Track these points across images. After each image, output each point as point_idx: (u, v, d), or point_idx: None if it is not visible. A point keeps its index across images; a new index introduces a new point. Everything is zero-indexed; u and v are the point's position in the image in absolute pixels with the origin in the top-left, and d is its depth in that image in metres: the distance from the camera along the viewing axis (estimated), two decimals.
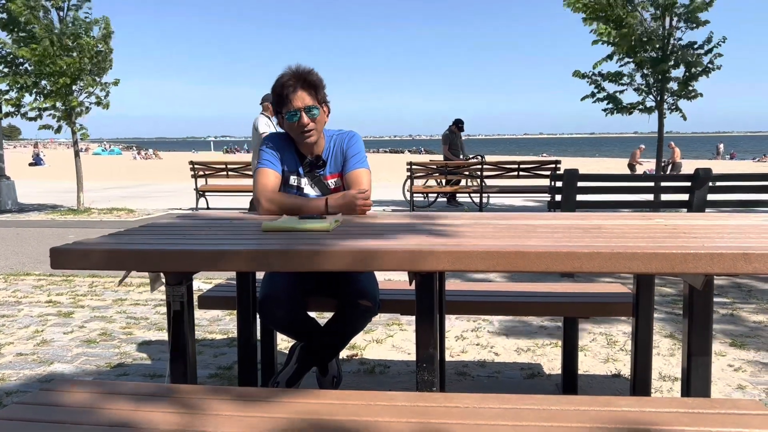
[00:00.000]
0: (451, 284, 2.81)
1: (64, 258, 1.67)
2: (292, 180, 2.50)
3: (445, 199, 11.58)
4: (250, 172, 10.59)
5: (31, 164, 32.31)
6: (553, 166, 10.05)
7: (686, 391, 1.79)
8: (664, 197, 5.77)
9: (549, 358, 3.20)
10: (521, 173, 10.23)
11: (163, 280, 1.81)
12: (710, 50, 8.79)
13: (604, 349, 3.32)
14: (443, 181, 11.13)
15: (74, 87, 10.21)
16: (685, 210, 5.44)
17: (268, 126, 7.14)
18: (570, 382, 2.70)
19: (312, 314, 2.46)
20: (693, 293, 1.74)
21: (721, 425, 1.38)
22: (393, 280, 3.59)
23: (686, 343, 1.78)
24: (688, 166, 16.74)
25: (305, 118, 2.39)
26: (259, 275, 2.47)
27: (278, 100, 2.44)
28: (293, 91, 2.39)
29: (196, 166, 10.69)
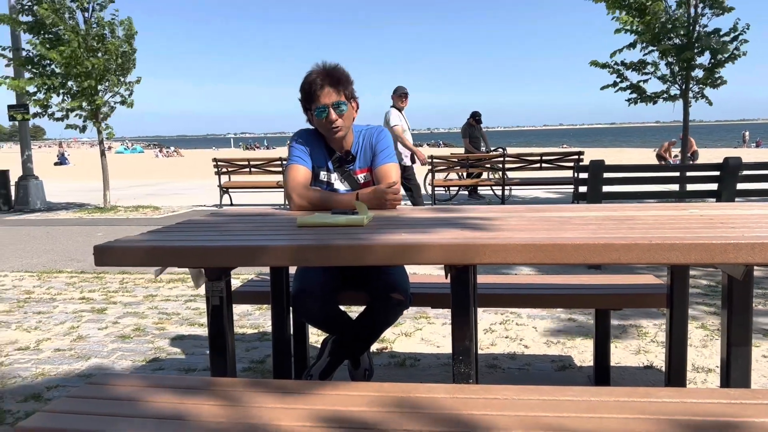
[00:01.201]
0: (480, 277, 2.82)
1: (107, 255, 1.71)
2: (322, 175, 2.52)
3: (466, 192, 11.56)
4: (273, 168, 10.67)
5: (56, 164, 32.84)
6: (576, 157, 9.97)
7: (726, 382, 1.78)
8: (691, 187, 5.70)
9: (579, 350, 3.19)
10: (543, 165, 10.17)
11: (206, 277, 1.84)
12: (736, 37, 8.64)
13: (634, 340, 3.30)
14: (464, 174, 11.11)
15: (99, 87, 10.38)
16: (714, 200, 5.37)
17: (400, 119, 7.34)
18: (602, 373, 2.69)
19: (342, 308, 2.49)
20: (732, 283, 1.73)
21: (765, 416, 1.37)
22: (419, 273, 3.60)
23: (725, 334, 1.77)
24: (714, 155, 16.49)
25: (333, 114, 2.41)
26: (291, 270, 2.50)
27: (306, 97, 2.46)
28: (320, 88, 2.40)
29: (219, 163, 10.80)
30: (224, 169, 10.87)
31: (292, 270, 2.46)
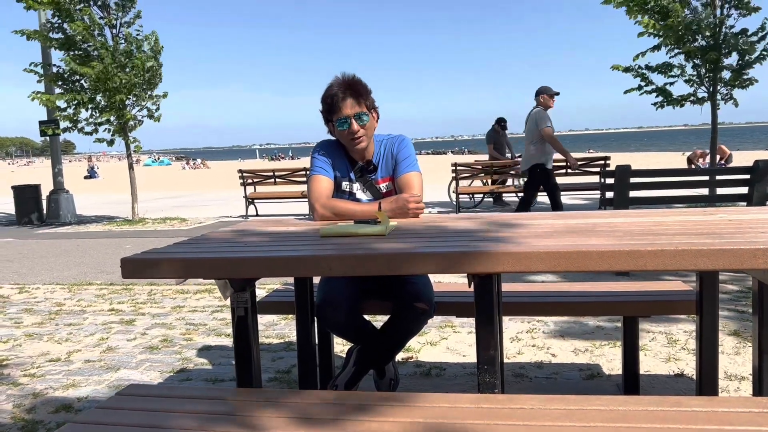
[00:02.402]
0: (505, 285, 2.79)
1: (134, 268, 1.74)
2: (345, 185, 2.53)
3: (491, 200, 11.50)
4: (297, 179, 10.75)
5: (86, 177, 33.50)
6: (602, 162, 9.86)
7: (758, 391, 1.74)
8: (720, 191, 5.60)
9: (608, 358, 3.14)
10: (569, 170, 10.06)
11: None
12: (764, 37, 8.49)
13: (664, 348, 3.24)
14: (489, 181, 11.05)
15: (127, 101, 10.58)
16: (744, 204, 5.26)
17: (551, 120, 7.28)
18: (632, 382, 2.65)
19: (366, 317, 2.49)
20: (763, 289, 1.69)
21: None
22: (443, 282, 3.59)
23: (757, 341, 1.73)
24: (744, 158, 16.18)
25: (355, 125, 2.42)
26: (316, 280, 2.52)
27: (328, 109, 2.48)
28: (342, 99, 2.42)
29: (244, 174, 10.92)
30: (249, 180, 10.99)
31: (317, 280, 2.48)
